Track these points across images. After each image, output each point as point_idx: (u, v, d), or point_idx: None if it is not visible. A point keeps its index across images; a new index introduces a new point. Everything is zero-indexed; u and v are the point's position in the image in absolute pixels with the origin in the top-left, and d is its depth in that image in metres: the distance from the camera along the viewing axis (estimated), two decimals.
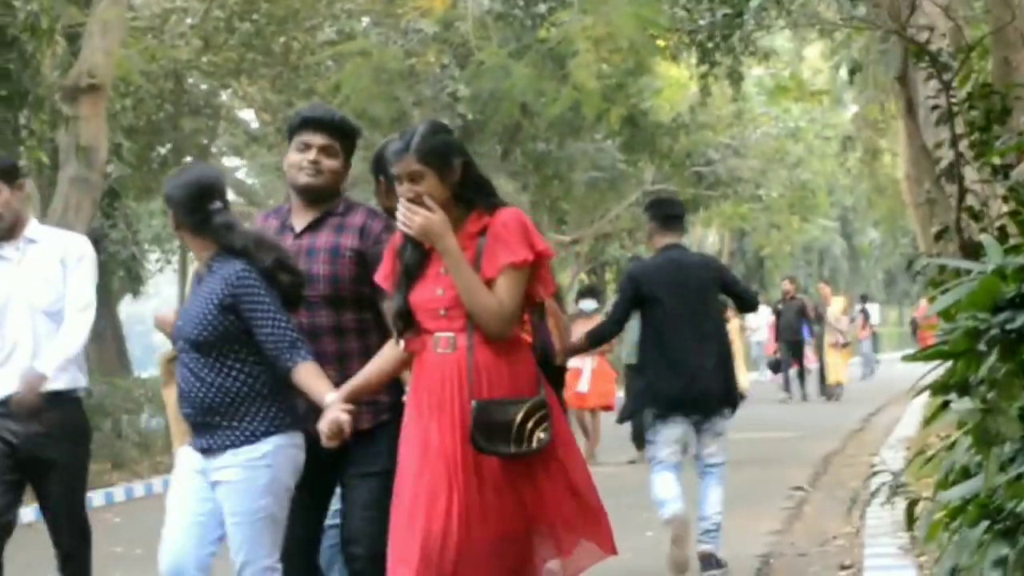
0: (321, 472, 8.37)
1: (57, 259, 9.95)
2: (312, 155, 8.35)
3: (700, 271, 14.40)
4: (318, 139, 8.40)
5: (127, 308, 37.14)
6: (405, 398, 8.00)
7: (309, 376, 8.33)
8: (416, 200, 7.75)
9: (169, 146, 39.29)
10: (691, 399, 13.84)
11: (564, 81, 39.41)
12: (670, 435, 13.85)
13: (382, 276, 8.08)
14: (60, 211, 27.52)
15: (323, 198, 8.50)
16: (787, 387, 43.44)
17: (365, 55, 36.57)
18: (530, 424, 7.62)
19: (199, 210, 8.58)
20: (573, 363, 19.34)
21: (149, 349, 49.03)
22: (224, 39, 33.29)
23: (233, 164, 46.74)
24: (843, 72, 40.50)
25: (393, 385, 8.30)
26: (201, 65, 34.58)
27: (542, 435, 7.64)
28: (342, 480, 8.49)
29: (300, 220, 8.44)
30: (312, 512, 8.63)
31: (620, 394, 25.39)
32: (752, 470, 22.52)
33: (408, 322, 7.94)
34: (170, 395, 9.13)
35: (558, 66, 39.50)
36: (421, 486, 7.61)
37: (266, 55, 33.98)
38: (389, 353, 8.15)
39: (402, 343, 7.98)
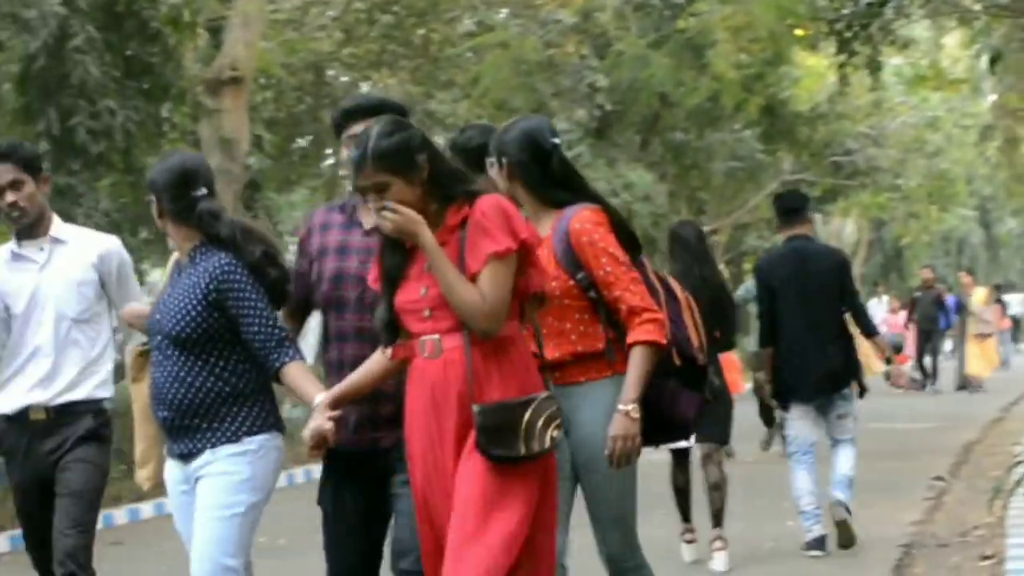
0: (374, 486, 7.86)
1: (90, 263, 8.95)
2: None
3: (822, 260, 15.12)
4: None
5: None
6: None
7: (298, 376, 7.89)
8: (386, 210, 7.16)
9: (310, 138, 39.34)
10: (810, 386, 14.65)
11: (703, 71, 39.42)
12: (800, 428, 14.92)
13: (373, 278, 7.49)
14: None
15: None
16: (923, 374, 42.89)
17: (504, 47, 36.54)
18: (540, 422, 7.06)
19: (182, 197, 8.08)
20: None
21: None
22: (365, 31, 33.37)
23: None
24: (983, 61, 39.96)
25: None
26: (342, 57, 34.66)
27: (555, 433, 7.09)
28: (390, 492, 7.82)
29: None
30: (374, 526, 8.04)
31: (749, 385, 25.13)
32: (892, 461, 22.43)
33: (393, 330, 7.36)
34: (139, 392, 8.53)
35: (697, 56, 39.39)
36: (421, 507, 7.26)
37: (406, 47, 34.03)
38: (378, 358, 7.51)
39: (388, 351, 7.39)
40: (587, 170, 42.62)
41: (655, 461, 11.78)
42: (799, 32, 34.89)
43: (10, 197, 8.65)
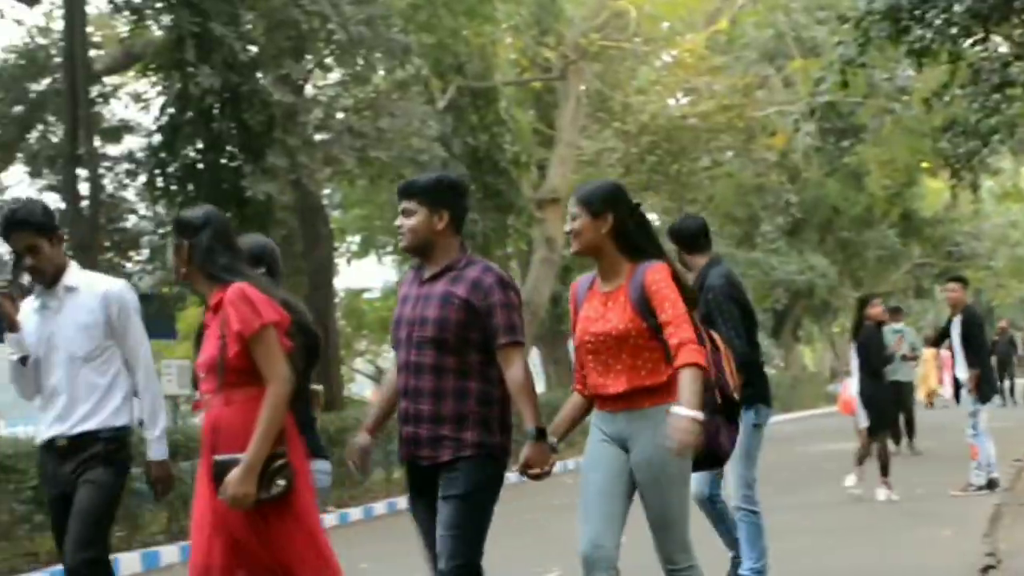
0: (431, 498, 6.24)
1: (96, 305, 7.22)
2: (399, 221, 6.35)
3: None
4: (401, 205, 6.36)
5: (572, 343, 37.03)
6: (491, 438, 6.16)
7: None
8: None
9: None
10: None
11: (861, 191, 39.06)
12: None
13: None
14: (532, 280, 28.10)
15: (425, 253, 6.30)
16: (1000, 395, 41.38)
17: (729, 176, 36.53)
18: (268, 472, 5.69)
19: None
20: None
21: None
22: (638, 167, 33.30)
23: None
24: None
25: (479, 425, 6.13)
26: (623, 184, 34.49)
27: (281, 482, 5.73)
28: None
29: (428, 271, 6.33)
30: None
31: None
32: None
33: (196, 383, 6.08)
34: None
35: (857, 181, 39.24)
36: (195, 523, 5.95)
37: (664, 176, 33.88)
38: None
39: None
40: (782, 257, 42.37)
41: None
42: (925, 164, 34.42)
43: (29, 261, 7.14)
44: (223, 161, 18.01)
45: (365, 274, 45.34)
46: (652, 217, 41.54)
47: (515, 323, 6.14)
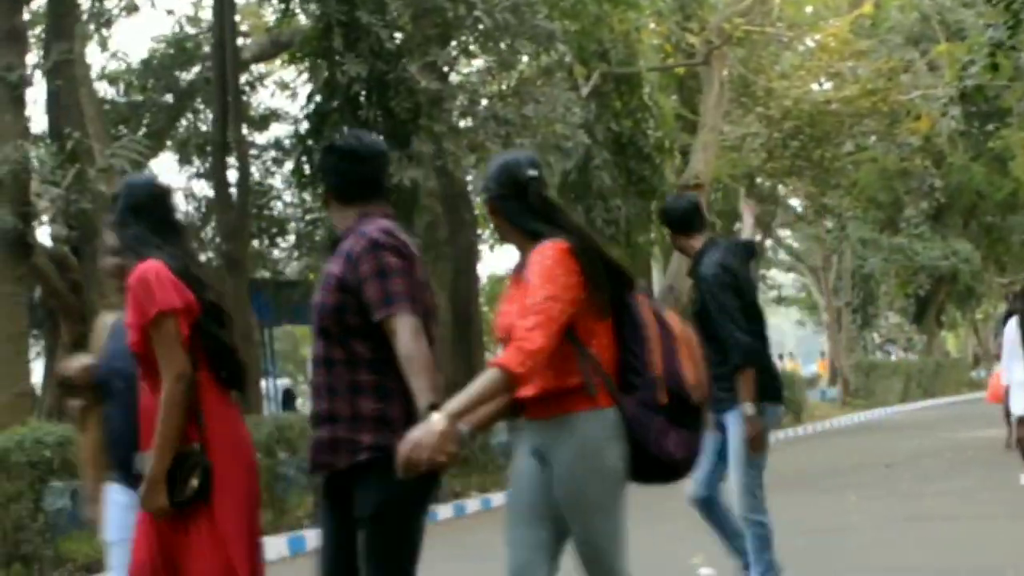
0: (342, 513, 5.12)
1: None
2: None
3: None
4: None
5: None
6: (394, 440, 4.76)
7: None
8: None
9: (742, 225, 38.81)
10: None
11: (1006, 175, 38.12)
12: None
13: None
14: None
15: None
16: None
17: (873, 160, 35.84)
18: (180, 474, 5.00)
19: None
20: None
21: None
22: (780, 152, 32.79)
23: (785, 234, 45.96)
24: None
25: (378, 425, 4.98)
26: (766, 169, 34.10)
27: (194, 482, 5.00)
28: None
29: None
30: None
31: None
32: None
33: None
34: (86, 442, 6.33)
35: (1002, 165, 38.27)
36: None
37: (808, 162, 33.30)
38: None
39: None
40: (926, 243, 41.56)
41: None
42: None
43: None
44: None
45: (508, 260, 45.31)
46: (795, 203, 41.00)
47: (391, 290, 4.95)
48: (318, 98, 18.17)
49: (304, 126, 18.87)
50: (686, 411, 5.07)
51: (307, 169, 18.74)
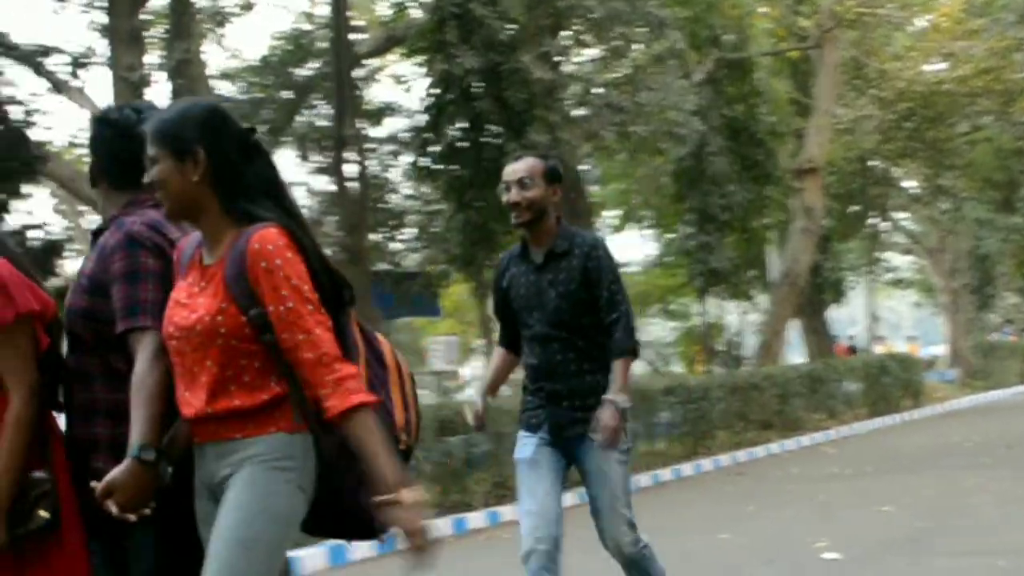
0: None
1: None
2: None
3: None
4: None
5: (830, 313, 36.34)
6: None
7: None
8: None
9: (858, 207, 38.20)
10: None
11: None
12: None
13: None
14: (791, 251, 27.47)
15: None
16: None
17: (988, 140, 35.11)
18: (29, 501, 4.03)
19: None
20: None
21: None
22: (894, 134, 32.29)
23: (900, 216, 45.13)
24: None
25: (113, 452, 4.02)
26: (881, 151, 33.60)
27: (43, 513, 4.03)
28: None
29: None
30: None
31: None
32: None
33: None
34: None
35: None
36: None
37: (921, 143, 32.69)
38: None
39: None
40: None
41: None
42: None
43: None
44: (485, 139, 17.73)
45: (624, 248, 45.03)
46: (910, 184, 40.23)
47: (139, 299, 4.01)
48: (434, 91, 18.03)
49: (421, 119, 18.74)
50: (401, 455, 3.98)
51: (424, 162, 18.61)
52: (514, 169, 6.22)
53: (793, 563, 9.73)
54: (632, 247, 38.56)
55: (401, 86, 26.53)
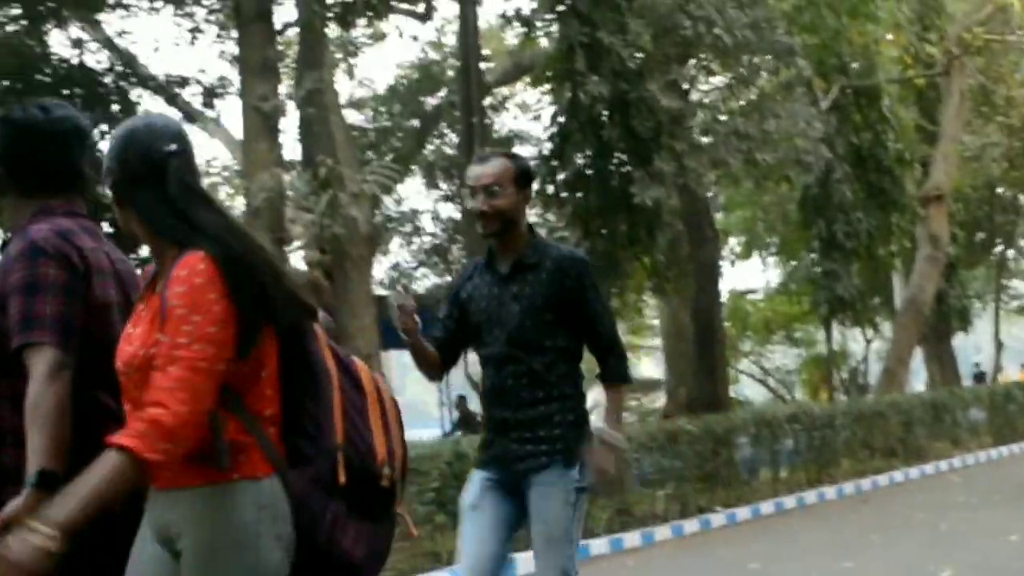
0: None
1: None
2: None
3: None
4: None
5: (956, 340, 35.86)
6: None
7: None
8: None
9: (983, 235, 37.60)
10: None
11: None
12: None
13: None
14: (917, 278, 27.30)
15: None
16: None
17: None
18: None
19: None
20: None
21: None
22: (1022, 161, 31.70)
23: None
24: None
25: (13, 482, 3.60)
26: (1008, 178, 33.08)
27: None
28: None
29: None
30: None
31: None
32: None
33: None
34: None
35: None
36: None
37: None
38: None
39: None
40: None
41: None
42: None
43: None
44: (612, 168, 17.67)
45: (748, 275, 44.79)
46: None
47: (36, 312, 3.61)
48: (561, 119, 18.01)
49: (547, 147, 18.74)
50: (373, 495, 3.57)
51: (550, 189, 18.60)
52: (481, 173, 5.51)
53: None
54: (756, 274, 38.31)
55: (528, 114, 26.59)
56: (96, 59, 18.67)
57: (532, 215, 25.49)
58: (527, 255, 5.56)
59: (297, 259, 18.49)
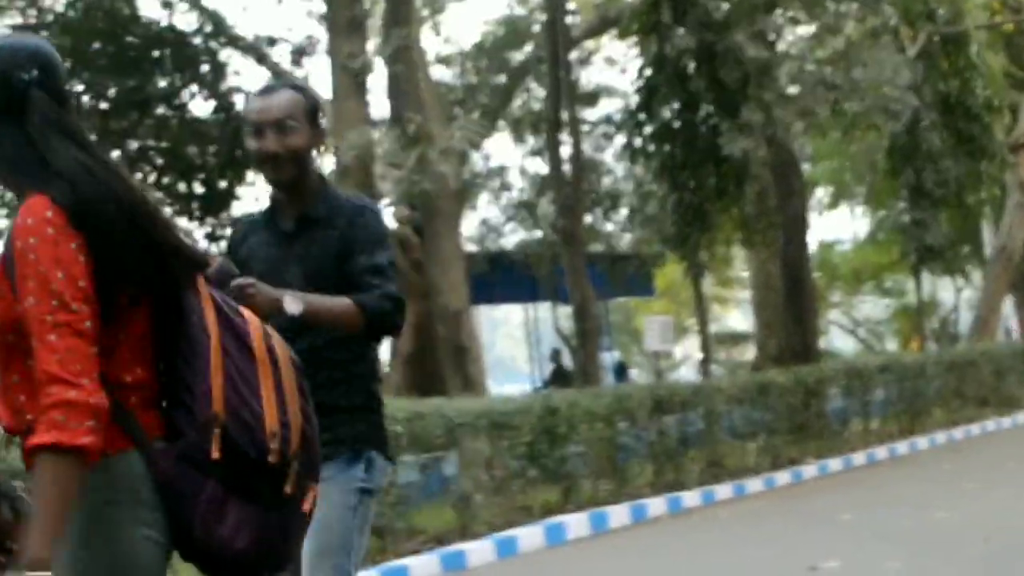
0: None
1: None
2: None
3: None
4: None
5: None
6: None
7: None
8: None
9: None
10: None
11: None
12: None
13: None
14: (1006, 226, 26.81)
15: None
16: None
17: None
18: None
19: None
20: None
21: None
22: None
23: None
24: None
25: None
26: None
27: None
28: None
29: None
30: None
31: None
32: None
33: None
34: None
35: None
36: None
37: None
38: None
39: None
40: None
41: None
42: None
43: None
44: (699, 120, 17.44)
45: (836, 225, 44.26)
46: None
47: None
48: (648, 72, 17.79)
49: (634, 100, 18.53)
50: (257, 473, 2.93)
51: (637, 143, 18.41)
52: (266, 106, 4.40)
53: (1010, 542, 9.35)
54: (845, 224, 37.88)
55: (615, 67, 26.35)
56: (185, 20, 18.69)
57: (619, 168, 25.41)
58: (315, 208, 4.44)
59: (387, 216, 18.47)
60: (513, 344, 43.44)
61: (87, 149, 2.90)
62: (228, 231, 17.46)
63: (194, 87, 17.84)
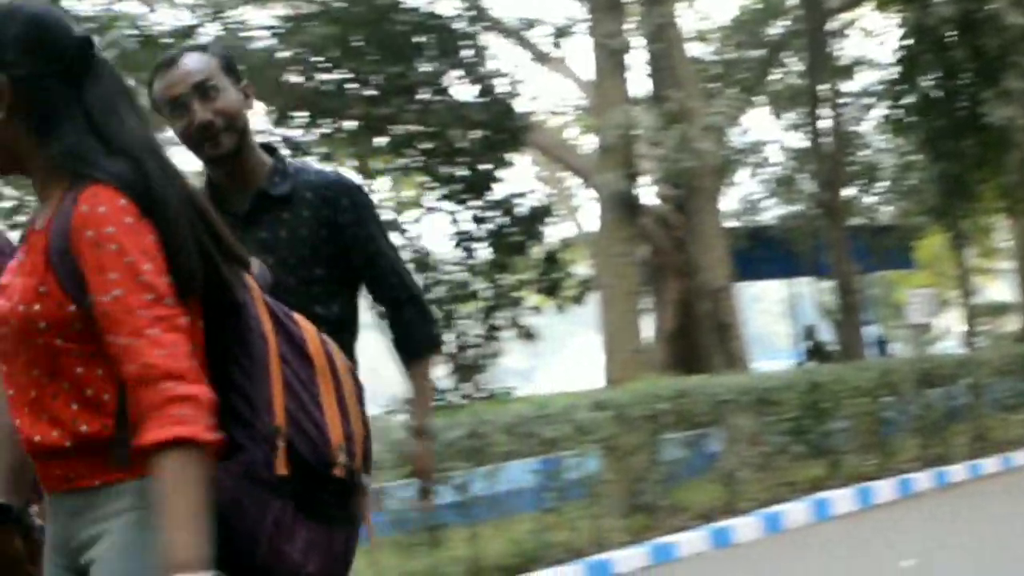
0: None
1: None
2: None
3: None
4: None
5: None
6: None
7: None
8: None
9: None
10: None
11: None
12: None
13: None
14: None
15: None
16: None
17: None
18: None
19: None
20: None
21: None
22: None
23: None
24: None
25: None
26: None
27: None
28: None
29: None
30: None
31: None
32: None
33: None
34: None
35: None
36: None
37: None
38: None
39: None
40: None
41: None
42: None
43: None
44: (959, 89, 17.02)
45: None
46: None
47: None
48: (908, 42, 17.44)
49: (892, 71, 18.20)
50: (325, 491, 2.66)
51: (897, 114, 18.08)
52: (178, 77, 3.61)
53: None
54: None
55: (873, 39, 25.82)
56: (448, 5, 19.02)
57: (878, 141, 24.94)
58: (272, 184, 3.74)
59: (648, 195, 18.55)
60: (772, 320, 43.03)
61: (149, 127, 2.56)
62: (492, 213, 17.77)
63: (457, 72, 18.12)
